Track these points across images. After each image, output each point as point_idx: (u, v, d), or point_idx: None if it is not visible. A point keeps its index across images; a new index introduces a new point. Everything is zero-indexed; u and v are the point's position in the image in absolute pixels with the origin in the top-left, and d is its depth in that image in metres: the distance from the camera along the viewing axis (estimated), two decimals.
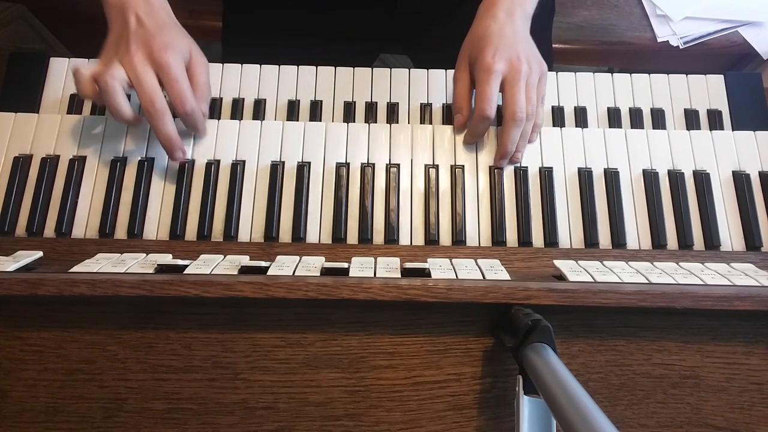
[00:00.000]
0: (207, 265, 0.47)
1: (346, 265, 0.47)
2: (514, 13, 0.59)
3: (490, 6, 0.61)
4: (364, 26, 0.80)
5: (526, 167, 0.60)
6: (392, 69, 0.68)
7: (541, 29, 0.82)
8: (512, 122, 0.57)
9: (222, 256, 0.51)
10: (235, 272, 0.46)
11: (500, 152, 0.59)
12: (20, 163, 0.59)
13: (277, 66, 0.67)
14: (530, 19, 0.61)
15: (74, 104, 0.65)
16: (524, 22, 0.60)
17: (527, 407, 0.35)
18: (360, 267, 0.47)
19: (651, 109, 0.66)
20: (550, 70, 0.69)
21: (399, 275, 0.46)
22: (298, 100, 0.66)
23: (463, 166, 0.60)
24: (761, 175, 0.60)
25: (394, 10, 0.77)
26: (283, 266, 0.46)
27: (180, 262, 0.48)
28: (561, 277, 0.47)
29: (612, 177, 0.60)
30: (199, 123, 0.58)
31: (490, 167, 0.60)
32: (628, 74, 0.68)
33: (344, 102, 0.66)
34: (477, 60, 0.58)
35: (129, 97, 0.56)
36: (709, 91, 0.67)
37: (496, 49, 0.57)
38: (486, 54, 0.57)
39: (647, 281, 0.45)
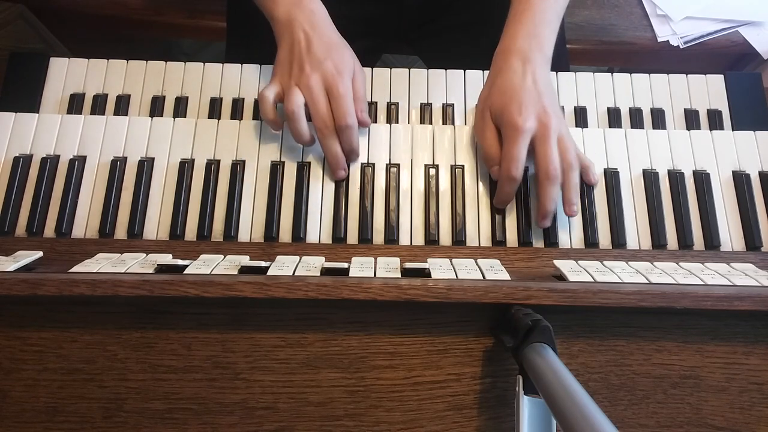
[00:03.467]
0: (207, 265, 0.47)
1: (346, 265, 0.47)
2: (534, 60, 0.57)
3: (507, 54, 0.58)
4: (371, 23, 0.79)
5: (527, 167, 0.60)
6: (392, 69, 0.68)
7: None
8: (547, 181, 0.54)
9: (222, 256, 0.51)
10: (235, 272, 0.46)
11: (541, 212, 0.55)
12: (20, 163, 0.59)
13: None
14: (550, 61, 0.59)
15: (74, 104, 0.65)
16: (544, 68, 0.58)
17: (527, 407, 0.35)
18: (360, 267, 0.47)
19: (651, 109, 0.66)
20: (566, 70, 0.68)
21: (399, 275, 0.46)
22: None
23: (463, 166, 0.60)
24: (761, 175, 0.60)
25: (402, 3, 0.76)
26: (283, 266, 0.46)
27: (180, 262, 0.48)
28: (561, 277, 0.47)
29: (612, 177, 0.60)
30: (355, 140, 0.58)
31: None
32: (628, 74, 0.68)
33: None
34: (503, 116, 0.55)
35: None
36: (709, 91, 0.67)
37: (521, 104, 0.54)
38: (512, 110, 0.54)
39: (647, 281, 0.45)
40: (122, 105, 0.65)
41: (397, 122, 0.65)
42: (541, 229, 0.57)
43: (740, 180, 0.59)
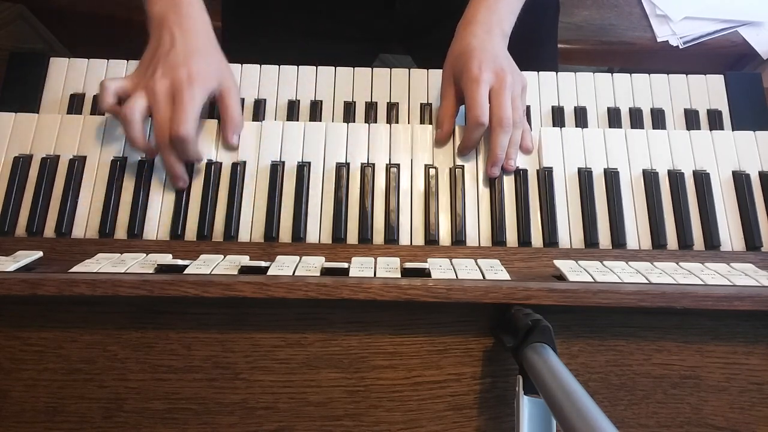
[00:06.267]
0: (207, 265, 0.47)
1: (346, 265, 0.47)
2: (493, 31, 0.61)
3: (468, 24, 0.62)
4: (364, 27, 0.80)
5: (526, 168, 0.60)
6: (392, 69, 0.68)
7: (546, 28, 0.82)
8: (500, 128, 0.57)
9: (222, 256, 0.51)
10: (235, 272, 0.46)
11: (491, 159, 0.59)
12: (20, 163, 0.59)
13: (277, 66, 0.67)
14: (508, 37, 0.62)
15: (74, 104, 0.65)
16: (503, 40, 0.62)
17: (527, 407, 0.35)
18: (360, 267, 0.47)
19: (651, 109, 0.66)
20: (555, 69, 0.69)
21: (399, 275, 0.46)
22: (298, 100, 0.66)
23: (462, 166, 0.60)
24: (761, 175, 0.60)
25: (392, 11, 0.77)
26: (283, 266, 0.46)
27: (180, 262, 0.48)
28: (561, 277, 0.47)
29: (612, 177, 0.60)
30: (190, 152, 0.56)
31: None
32: (628, 74, 0.68)
33: (344, 102, 0.66)
34: (463, 73, 0.58)
35: None
36: (709, 91, 0.67)
37: (480, 61, 0.58)
38: (472, 66, 0.58)
39: (647, 281, 0.45)
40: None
41: (397, 122, 0.65)
42: (492, 178, 0.59)
43: (740, 180, 0.59)
